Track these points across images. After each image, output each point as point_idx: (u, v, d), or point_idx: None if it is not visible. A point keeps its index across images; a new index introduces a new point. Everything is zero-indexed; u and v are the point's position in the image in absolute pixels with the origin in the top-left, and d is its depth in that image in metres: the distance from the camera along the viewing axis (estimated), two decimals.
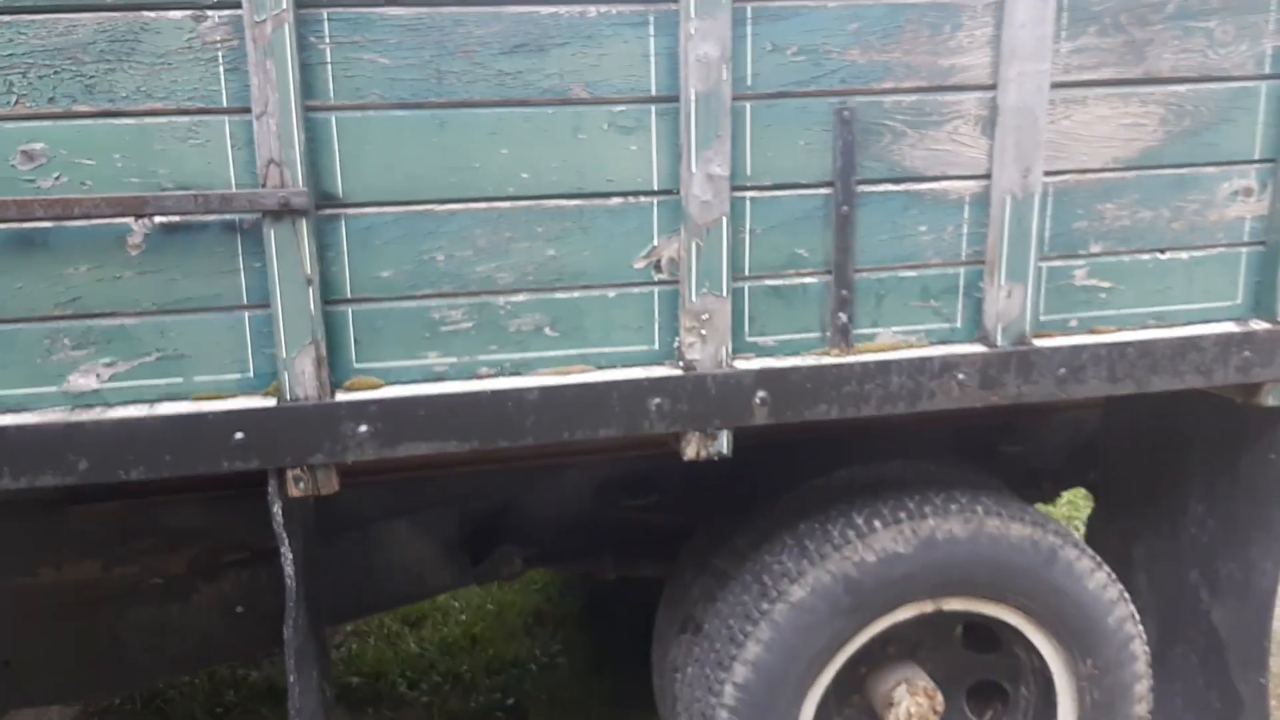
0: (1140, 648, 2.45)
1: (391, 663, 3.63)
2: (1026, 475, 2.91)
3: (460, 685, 3.56)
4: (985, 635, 2.58)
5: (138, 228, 1.80)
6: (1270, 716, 2.50)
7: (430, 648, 3.77)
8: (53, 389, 1.84)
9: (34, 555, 2.57)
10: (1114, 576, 2.41)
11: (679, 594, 2.60)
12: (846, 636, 2.32)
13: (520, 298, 1.96)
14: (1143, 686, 2.47)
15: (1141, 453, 2.78)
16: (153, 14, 1.74)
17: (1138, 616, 2.44)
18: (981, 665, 2.61)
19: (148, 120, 1.77)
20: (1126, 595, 2.42)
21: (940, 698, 2.49)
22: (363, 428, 1.90)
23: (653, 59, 1.90)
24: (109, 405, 1.85)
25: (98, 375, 1.84)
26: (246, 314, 1.87)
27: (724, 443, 2.05)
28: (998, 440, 2.91)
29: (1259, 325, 2.22)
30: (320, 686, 2.29)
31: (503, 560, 2.74)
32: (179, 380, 1.87)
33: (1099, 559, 2.41)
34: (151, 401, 1.86)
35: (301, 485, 1.93)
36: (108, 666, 2.74)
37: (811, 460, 2.57)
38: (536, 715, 3.36)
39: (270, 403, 1.88)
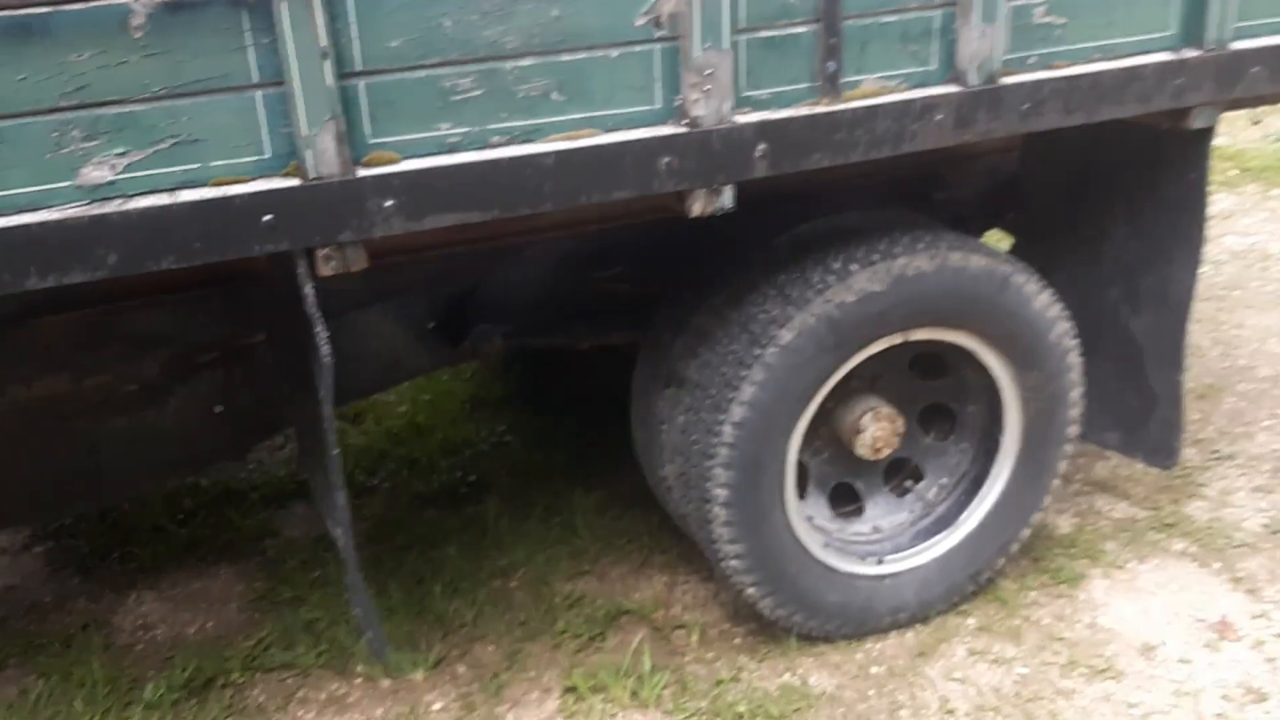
0: (1076, 359, 2.73)
1: (344, 455, 3.70)
2: (955, 220, 3.11)
3: (417, 469, 3.66)
4: (932, 363, 2.83)
5: (139, 7, 1.71)
6: (1184, 409, 2.84)
7: (379, 438, 3.84)
8: (67, 184, 1.77)
9: (1, 374, 2.50)
10: (1056, 295, 2.67)
11: (658, 354, 2.73)
12: (829, 371, 2.51)
13: (527, 61, 1.96)
14: (1076, 394, 2.77)
15: (1060, 189, 3.01)
16: None
17: (1074, 330, 2.72)
18: (931, 390, 2.88)
19: None
20: (1066, 312, 2.68)
21: (901, 422, 2.74)
22: (388, 202, 1.91)
23: None
24: (127, 196, 1.80)
25: (111, 166, 1.78)
26: (259, 93, 1.82)
27: (728, 197, 2.14)
28: (928, 189, 3.09)
29: (1190, 53, 2.41)
30: None
31: (481, 338, 2.81)
32: (195, 166, 1.83)
33: (1041, 281, 2.66)
34: (170, 190, 1.82)
35: (332, 264, 1.94)
36: (87, 481, 2.73)
37: (765, 220, 2.69)
38: (498, 490, 3.50)
39: (294, 182, 1.86)
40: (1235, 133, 7.00)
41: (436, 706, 2.68)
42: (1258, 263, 5.11)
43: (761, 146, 2.11)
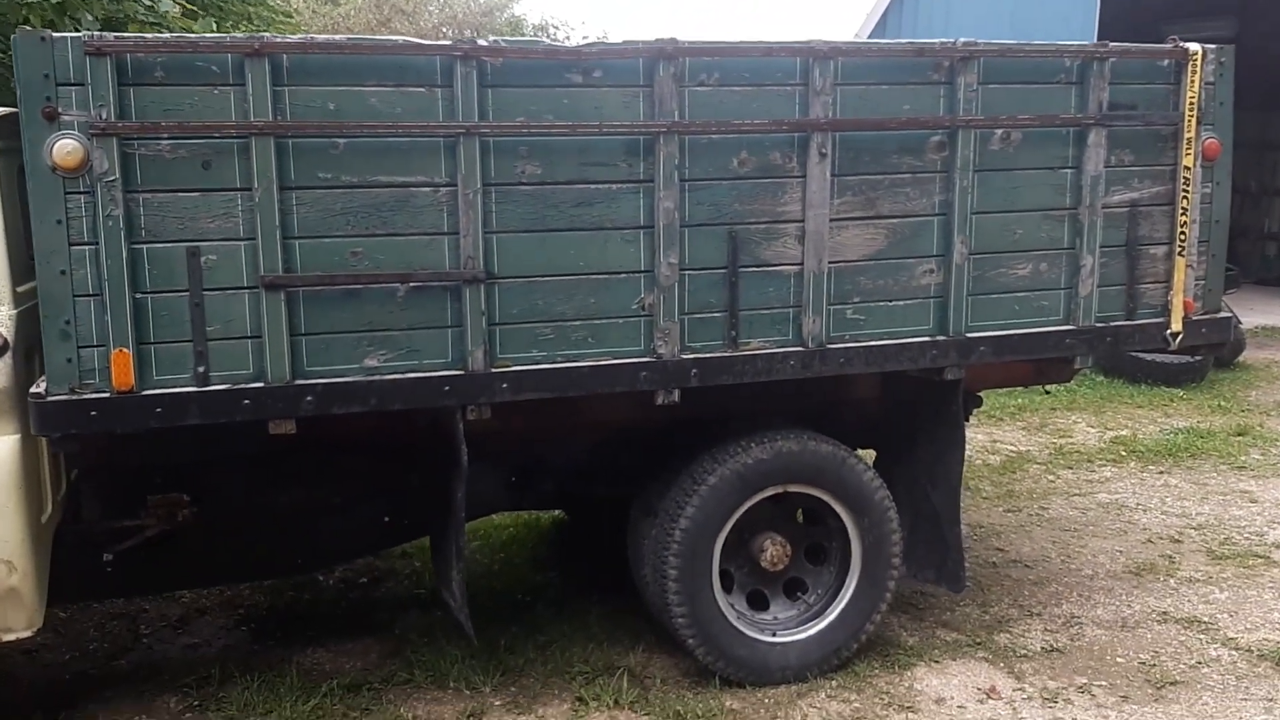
0: (893, 514, 4.57)
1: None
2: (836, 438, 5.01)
3: (493, 590, 5.48)
4: (813, 516, 4.67)
5: (402, 288, 3.78)
6: (964, 551, 4.64)
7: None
8: (356, 365, 3.79)
9: (266, 485, 4.45)
10: (878, 474, 4.54)
11: (644, 498, 4.61)
12: (738, 504, 4.38)
13: (577, 323, 3.99)
14: (896, 535, 4.59)
15: (896, 421, 4.95)
16: (415, 188, 3.75)
17: (891, 497, 4.56)
18: (811, 533, 4.70)
19: (411, 238, 3.77)
20: (885, 485, 4.55)
21: (789, 547, 4.56)
22: (505, 385, 3.90)
23: (641, 208, 3.98)
24: (385, 375, 3.80)
25: (377, 358, 3.80)
26: (450, 330, 3.85)
27: (676, 395, 4.10)
28: (820, 419, 5.02)
29: (940, 337, 4.39)
30: None
31: (540, 486, 4.73)
32: (415, 361, 3.84)
33: (868, 464, 4.55)
34: (402, 373, 3.82)
35: (473, 414, 3.91)
36: (306, 555, 4.64)
37: (703, 432, 4.61)
38: (547, 602, 5.29)
39: (460, 372, 3.85)
40: (1137, 427, 8.94)
41: (496, 703, 4.41)
42: (1114, 510, 6.91)
43: (695, 370, 4.09)
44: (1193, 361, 10.14)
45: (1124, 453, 8.26)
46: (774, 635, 4.55)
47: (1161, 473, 7.75)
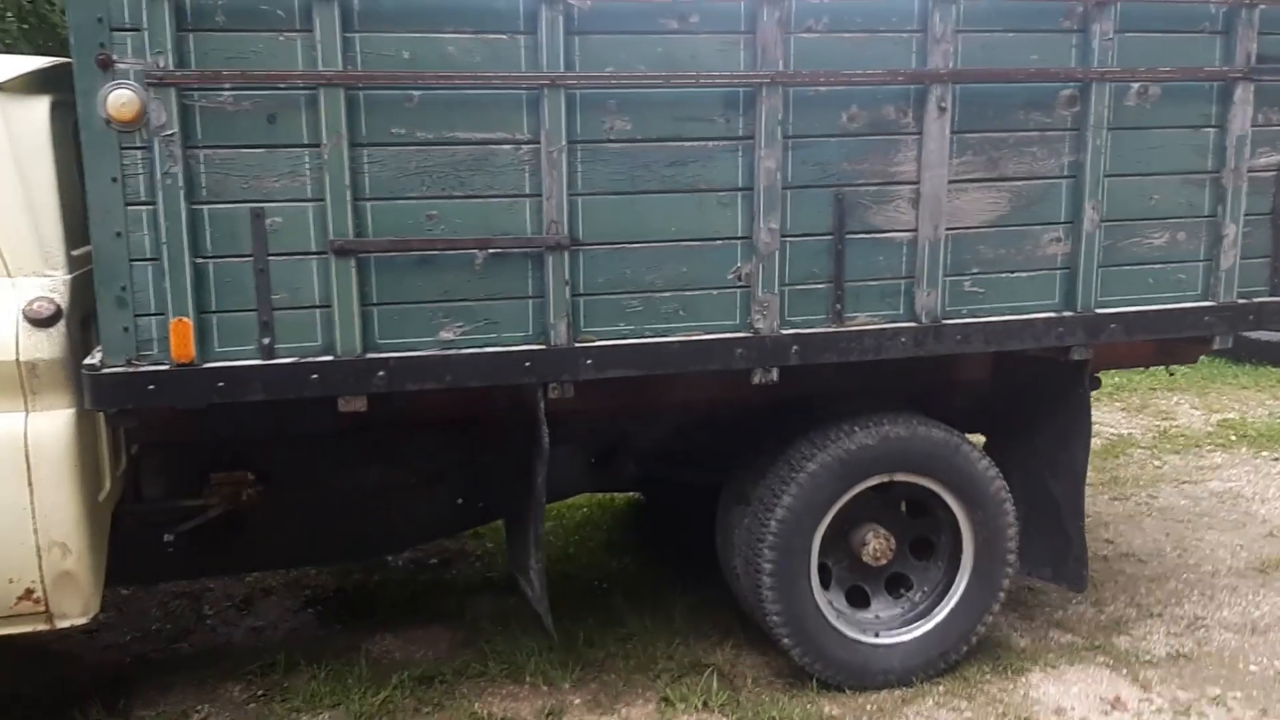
0: (1010, 506, 4.18)
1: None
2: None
3: (571, 577, 5.19)
4: (920, 508, 4.29)
5: (480, 255, 3.47)
6: (1087, 546, 4.24)
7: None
8: (431, 338, 3.49)
9: (341, 465, 4.18)
10: (994, 463, 4.15)
11: (734, 485, 4.27)
12: (840, 493, 4.02)
13: (668, 294, 3.65)
14: (1013, 530, 4.20)
15: (1011, 402, 4.54)
16: (495, 145, 3.43)
17: (1008, 487, 4.17)
18: (917, 526, 4.33)
19: (491, 200, 3.45)
20: (1001, 474, 4.16)
21: (893, 541, 4.19)
22: (589, 361, 3.58)
23: (740, 168, 3.62)
24: (460, 348, 3.50)
25: (454, 330, 3.49)
26: (530, 301, 3.53)
27: (774, 374, 3.75)
28: (926, 402, 4.63)
29: (1066, 313, 3.98)
30: None
31: (622, 467, 4.41)
32: (494, 335, 3.53)
33: (982, 451, 4.16)
34: (482, 346, 3.51)
35: (555, 392, 3.60)
36: (378, 538, 4.38)
37: (802, 414, 4.24)
38: (622, 592, 4.98)
39: (543, 346, 3.54)
40: (1245, 410, 8.40)
41: (576, 701, 4.11)
42: (1229, 500, 6.42)
43: (795, 347, 3.73)
44: None
45: (1234, 437, 7.74)
46: (876, 636, 4.20)
47: (1276, 459, 7.22)
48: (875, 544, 4.16)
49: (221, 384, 3.33)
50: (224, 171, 3.25)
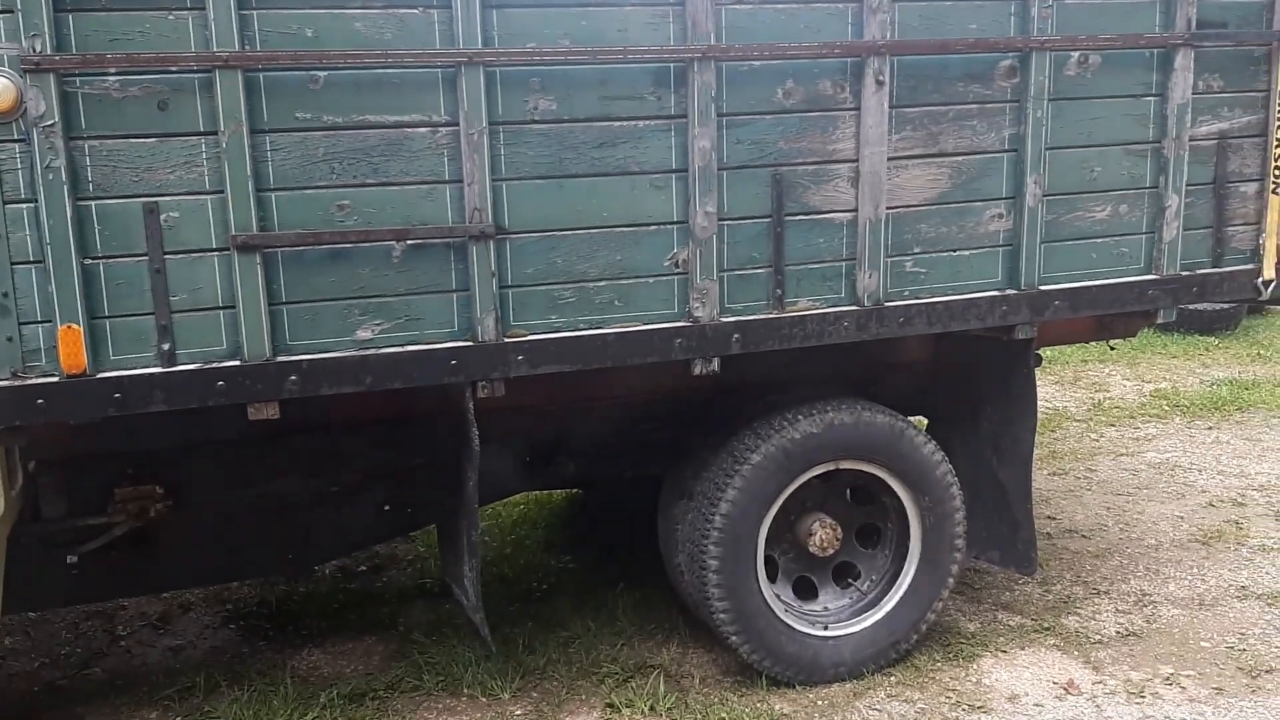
0: (956, 490, 4.06)
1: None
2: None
3: (505, 577, 4.98)
4: (865, 494, 4.16)
5: (399, 246, 3.24)
6: (1035, 528, 4.14)
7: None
8: (348, 338, 3.26)
9: (256, 475, 3.92)
10: (939, 447, 4.03)
11: (676, 479, 4.10)
12: (785, 484, 3.87)
13: (601, 284, 3.46)
14: (960, 514, 4.08)
15: (954, 384, 4.43)
16: (410, 128, 3.20)
17: (954, 472, 4.06)
18: (863, 513, 4.20)
19: (407, 188, 3.22)
20: (947, 458, 4.04)
21: (840, 530, 4.05)
22: (520, 357, 3.37)
23: (673, 149, 3.44)
24: (378, 348, 3.27)
25: (371, 329, 3.26)
26: (455, 295, 3.32)
27: (715, 364, 3.58)
28: (865, 385, 4.50)
29: (1010, 291, 3.87)
30: None
31: (559, 466, 4.21)
32: (416, 333, 3.31)
33: (928, 435, 4.03)
34: (401, 346, 3.29)
35: (484, 390, 3.39)
36: (299, 550, 4.09)
37: (743, 404, 4.09)
38: (563, 591, 4.79)
39: (469, 344, 3.33)
40: (1177, 380, 8.45)
41: (518, 712, 3.91)
42: (1166, 471, 6.42)
43: (736, 335, 3.56)
44: (1227, 308, 9.65)
45: (1167, 407, 7.77)
46: (825, 628, 4.06)
47: (1210, 428, 7.26)
48: (822, 534, 4.02)
49: (118, 395, 3.07)
50: (112, 164, 2.98)
